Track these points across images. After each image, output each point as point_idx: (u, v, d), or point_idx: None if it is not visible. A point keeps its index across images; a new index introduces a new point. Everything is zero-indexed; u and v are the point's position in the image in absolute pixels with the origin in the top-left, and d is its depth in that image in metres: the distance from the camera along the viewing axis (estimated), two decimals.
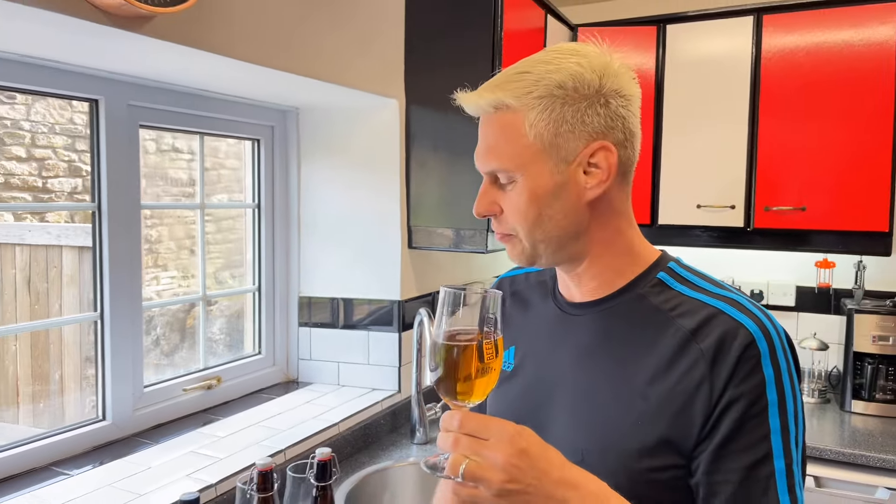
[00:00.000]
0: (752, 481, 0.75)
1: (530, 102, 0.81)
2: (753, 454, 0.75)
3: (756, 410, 0.76)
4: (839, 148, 2.27)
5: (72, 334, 2.28)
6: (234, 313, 2.28)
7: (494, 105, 0.83)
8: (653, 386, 0.80)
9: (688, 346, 0.80)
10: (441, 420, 0.72)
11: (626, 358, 0.83)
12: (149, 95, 1.69)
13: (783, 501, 0.75)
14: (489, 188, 0.86)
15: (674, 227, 2.54)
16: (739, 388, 0.76)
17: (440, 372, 0.75)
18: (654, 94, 2.55)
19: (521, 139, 0.82)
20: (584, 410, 0.85)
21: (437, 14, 2.06)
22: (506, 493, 0.68)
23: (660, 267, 0.89)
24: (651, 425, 0.79)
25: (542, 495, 0.69)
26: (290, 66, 1.61)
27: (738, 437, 0.76)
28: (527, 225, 0.84)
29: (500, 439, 0.69)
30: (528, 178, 0.82)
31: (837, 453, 2.01)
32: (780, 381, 0.77)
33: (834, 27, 2.25)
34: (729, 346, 0.77)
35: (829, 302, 2.59)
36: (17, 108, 2.31)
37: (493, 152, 0.84)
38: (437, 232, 2.11)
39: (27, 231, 2.36)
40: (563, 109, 0.81)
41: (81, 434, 1.58)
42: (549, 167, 0.82)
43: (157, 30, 1.27)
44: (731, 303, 0.82)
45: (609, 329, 0.87)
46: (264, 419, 1.84)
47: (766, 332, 0.78)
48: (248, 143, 2.13)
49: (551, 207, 0.83)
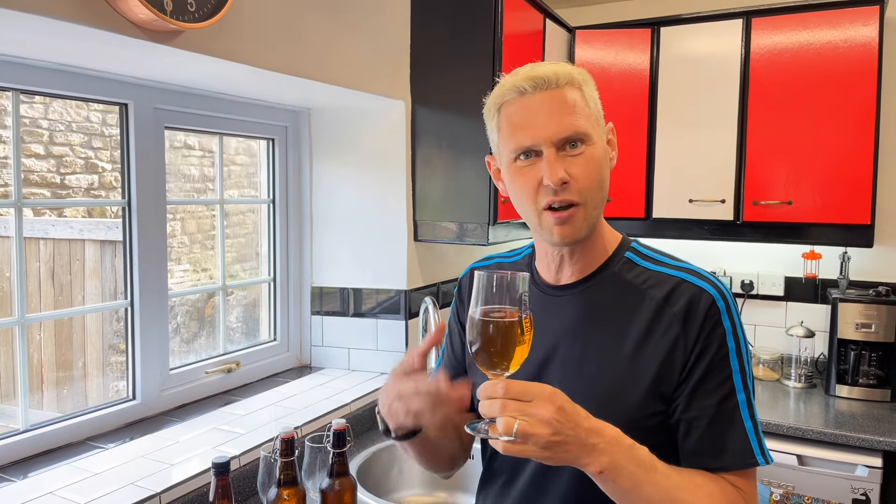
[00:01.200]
0: (722, 413, 0.93)
1: (585, 79, 0.97)
2: (720, 391, 0.93)
3: (720, 356, 0.93)
4: (824, 144, 2.37)
5: (94, 323, 2.41)
6: (250, 302, 2.41)
7: (567, 78, 0.95)
8: (638, 349, 0.95)
9: (662, 311, 0.96)
10: (480, 390, 0.81)
11: (611, 330, 0.98)
12: (173, 99, 1.82)
13: (747, 425, 0.92)
14: (557, 157, 0.93)
15: (667, 220, 2.65)
16: (707, 339, 0.93)
17: (480, 345, 0.82)
18: (648, 93, 2.65)
19: (587, 109, 0.96)
20: (577, 377, 0.99)
21: (441, 20, 2.17)
22: (551, 444, 0.79)
23: (625, 248, 1.04)
24: (639, 382, 0.94)
25: (578, 444, 0.81)
26: (304, 71, 1.74)
27: (708, 379, 0.93)
28: (595, 188, 0.96)
29: (542, 399, 0.79)
30: (595, 144, 0.96)
31: (820, 433, 2.12)
32: (735, 332, 0.94)
33: (819, 29, 2.36)
34: (696, 307, 0.94)
35: (816, 291, 2.70)
36: (35, 106, 2.43)
37: (569, 118, 0.93)
38: (441, 225, 2.23)
39: (51, 226, 2.48)
40: (595, 92, 0.99)
41: (113, 412, 1.72)
42: (600, 135, 0.98)
43: (184, 42, 1.39)
44: (690, 272, 0.99)
45: (592, 305, 1.00)
46: (280, 400, 1.97)
47: (721, 294, 0.96)
48: (263, 142, 2.26)
49: (605, 170, 0.98)
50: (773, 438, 2.18)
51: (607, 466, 0.82)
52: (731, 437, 0.92)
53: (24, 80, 1.48)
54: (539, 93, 0.94)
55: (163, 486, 1.40)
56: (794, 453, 2.16)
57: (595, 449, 0.82)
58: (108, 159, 2.51)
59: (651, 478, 0.85)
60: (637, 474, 0.84)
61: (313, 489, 1.40)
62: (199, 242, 2.69)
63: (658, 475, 0.85)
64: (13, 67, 1.45)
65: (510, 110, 0.96)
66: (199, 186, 2.58)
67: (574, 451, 0.81)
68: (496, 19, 2.10)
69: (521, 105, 0.95)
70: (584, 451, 0.81)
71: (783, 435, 2.17)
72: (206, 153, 2.59)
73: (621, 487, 0.84)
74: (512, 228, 2.29)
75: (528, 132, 0.94)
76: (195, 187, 2.58)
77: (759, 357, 2.65)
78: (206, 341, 2.43)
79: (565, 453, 0.80)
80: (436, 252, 2.40)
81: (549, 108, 0.93)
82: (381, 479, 1.89)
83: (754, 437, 0.92)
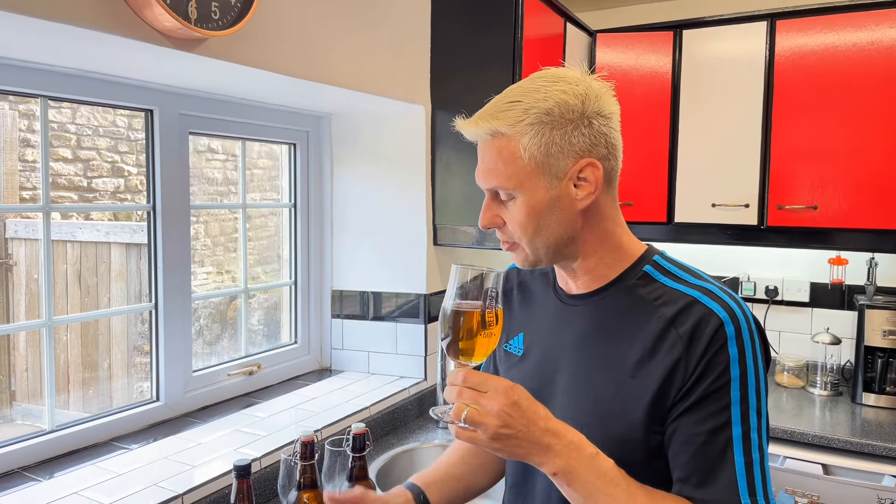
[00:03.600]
0: (711, 444, 0.87)
1: (523, 129, 0.91)
2: (715, 420, 0.87)
3: (719, 384, 0.88)
4: (851, 148, 2.33)
5: (119, 325, 2.45)
6: (272, 305, 2.43)
7: (490, 132, 0.94)
8: (640, 367, 0.92)
9: (668, 331, 0.92)
10: (448, 376, 0.86)
11: (617, 343, 0.96)
12: (197, 105, 1.85)
13: (738, 462, 0.86)
14: (491, 203, 0.98)
15: (689, 225, 2.62)
16: (708, 364, 0.88)
17: (450, 336, 0.88)
18: (670, 97, 2.63)
19: (517, 161, 0.92)
20: (582, 390, 0.98)
21: (461, 24, 2.18)
22: (499, 437, 0.81)
23: (645, 261, 1.00)
24: (639, 400, 0.91)
25: (530, 440, 0.82)
26: (325, 77, 1.75)
27: (703, 406, 0.88)
28: (527, 235, 0.95)
29: (496, 391, 0.82)
30: (526, 195, 0.93)
31: (846, 442, 2.08)
32: (742, 360, 0.88)
33: (845, 31, 2.32)
34: (702, 331, 0.89)
35: (842, 298, 2.66)
36: (63, 111, 2.48)
37: (492, 173, 0.95)
38: (460, 230, 2.23)
39: (78, 228, 2.52)
40: (551, 133, 0.91)
41: (138, 413, 1.75)
42: (544, 184, 0.93)
43: (208, 50, 1.41)
44: (705, 292, 0.93)
45: (602, 318, 0.99)
46: (301, 403, 1.99)
47: (733, 317, 0.90)
48: (285, 146, 2.28)
49: (548, 218, 0.94)
50: (797, 447, 2.15)
51: (562, 469, 0.83)
52: (718, 469, 0.86)
53: (53, 87, 1.52)
54: (479, 141, 0.97)
55: (185, 487, 1.41)
56: (819, 462, 2.12)
57: (550, 450, 0.83)
58: (133, 163, 2.55)
59: (611, 491, 0.83)
60: (595, 484, 0.83)
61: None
62: (221, 245, 2.72)
63: (619, 490, 0.83)
64: (42, 75, 1.49)
65: None
66: (221, 190, 2.62)
67: (526, 448, 0.82)
68: (516, 23, 2.10)
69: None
70: (537, 450, 0.82)
71: (808, 444, 2.14)
72: (230, 157, 2.62)
73: (577, 494, 0.84)
74: None
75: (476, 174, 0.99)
76: (218, 190, 2.61)
77: (783, 364, 2.61)
78: (228, 343, 2.46)
79: (517, 447, 0.82)
80: (455, 256, 2.40)
81: (481, 158, 0.97)
82: (400, 483, 1.88)
83: (744, 475, 0.86)
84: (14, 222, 2.30)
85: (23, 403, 2.25)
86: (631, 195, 2.64)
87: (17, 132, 2.24)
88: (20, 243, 2.29)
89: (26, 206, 2.11)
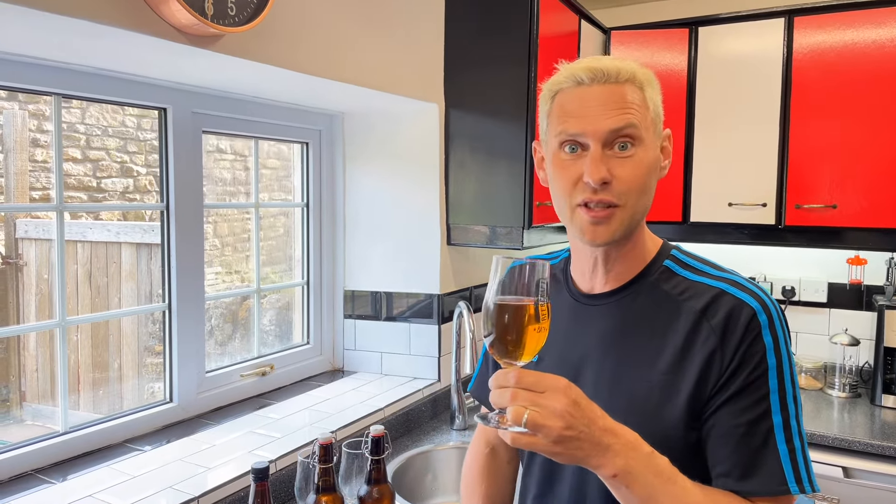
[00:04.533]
0: (753, 434, 0.86)
1: (647, 81, 0.93)
2: (754, 411, 0.86)
3: (757, 374, 0.87)
4: (871, 146, 2.30)
5: (130, 326, 2.43)
6: (283, 306, 2.42)
7: (629, 75, 0.91)
8: (674, 363, 0.90)
9: (700, 324, 0.90)
10: (492, 379, 0.79)
11: (647, 342, 0.93)
12: (211, 103, 1.83)
13: (781, 450, 0.85)
14: (602, 156, 0.89)
15: (705, 224, 2.59)
16: (745, 356, 0.87)
17: (494, 332, 0.79)
18: (685, 95, 2.60)
19: (644, 111, 0.92)
20: (613, 391, 0.95)
21: (475, 22, 2.16)
22: (562, 439, 0.75)
23: (664, 255, 0.99)
24: (677, 397, 0.89)
25: (591, 441, 0.76)
26: (340, 75, 1.73)
27: (741, 396, 0.87)
28: (637, 193, 0.91)
29: (556, 391, 0.75)
30: (646, 147, 0.92)
31: (866, 445, 2.05)
32: (777, 348, 0.88)
33: (864, 28, 2.29)
34: (735, 321, 0.88)
35: (861, 298, 2.62)
36: (72, 111, 2.47)
37: (628, 114, 0.89)
38: (474, 229, 2.20)
39: (88, 228, 2.51)
40: (657, 96, 0.95)
41: (151, 414, 1.73)
42: (654, 140, 0.93)
43: (224, 46, 1.39)
44: (732, 283, 0.93)
45: (627, 316, 0.96)
46: (314, 404, 1.97)
47: (764, 307, 0.89)
48: (297, 145, 2.26)
49: (653, 177, 0.94)
50: (816, 450, 2.12)
51: (621, 470, 0.78)
52: (762, 460, 0.85)
53: (66, 84, 1.50)
54: (597, 85, 0.90)
55: (201, 489, 1.39)
56: (839, 465, 2.09)
57: (609, 450, 0.77)
58: (142, 163, 2.54)
59: (669, 490, 0.79)
60: (654, 483, 0.78)
61: (350, 496, 1.39)
62: (231, 245, 2.70)
63: (677, 488, 0.80)
64: (56, 72, 1.47)
65: (564, 98, 0.93)
66: (231, 190, 2.60)
67: (586, 449, 0.76)
68: (532, 21, 2.07)
69: (576, 94, 0.92)
70: (597, 451, 0.77)
71: (828, 446, 2.11)
72: (238, 157, 2.60)
73: (635, 496, 0.79)
74: (547, 232, 2.26)
75: (578, 122, 0.90)
76: (227, 190, 2.59)
77: (801, 365, 2.58)
78: (240, 344, 2.45)
79: (577, 450, 0.76)
80: (469, 256, 2.38)
81: (603, 101, 0.90)
82: (416, 486, 1.87)
83: (789, 463, 0.85)
84: (24, 222, 2.29)
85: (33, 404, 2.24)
86: None
87: (27, 132, 2.23)
88: (30, 243, 2.28)
89: (40, 205, 2.10)
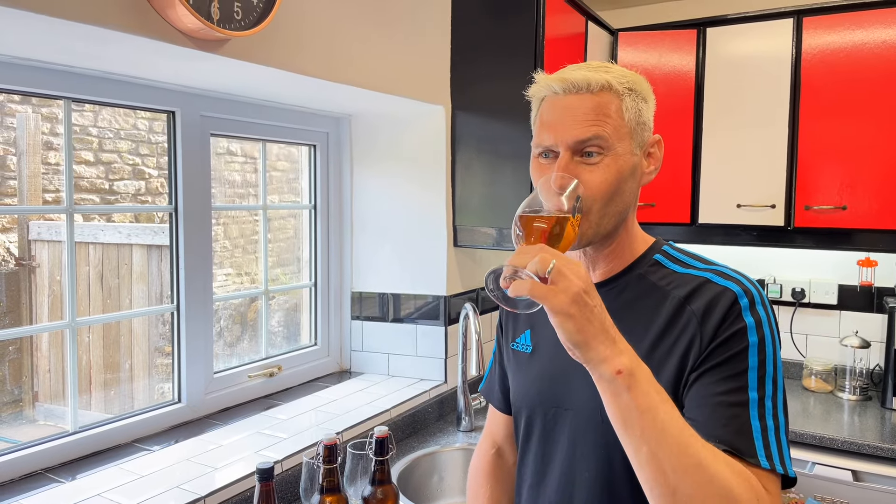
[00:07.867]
0: (724, 406, 0.85)
1: (625, 90, 0.95)
2: (728, 384, 0.86)
3: (737, 350, 0.87)
4: (881, 147, 2.28)
5: (141, 326, 2.46)
6: (291, 307, 2.43)
7: (602, 84, 0.93)
8: (655, 348, 0.92)
9: (682, 309, 0.92)
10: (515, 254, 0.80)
11: (633, 328, 0.94)
12: (218, 107, 1.85)
13: (754, 425, 0.83)
14: (570, 162, 0.93)
15: (714, 226, 2.58)
16: (724, 333, 0.88)
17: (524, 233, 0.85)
18: (694, 96, 2.59)
19: (619, 119, 0.93)
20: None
21: (482, 24, 2.16)
22: (580, 301, 0.75)
23: (655, 250, 1.02)
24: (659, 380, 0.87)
25: (602, 324, 0.77)
26: (346, 78, 1.74)
27: (717, 370, 0.87)
28: (604, 200, 0.93)
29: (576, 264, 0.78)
30: (617, 155, 0.93)
31: (876, 448, 2.04)
32: (760, 328, 0.88)
33: (874, 28, 2.27)
34: (715, 304, 0.90)
35: (872, 300, 2.60)
36: (85, 114, 2.50)
37: (595, 123, 0.92)
38: (480, 231, 2.21)
39: (100, 230, 2.54)
40: (640, 103, 0.96)
41: (160, 414, 1.75)
42: (631, 149, 0.95)
43: (231, 50, 1.41)
44: (716, 272, 0.95)
45: (616, 306, 0.96)
46: (321, 405, 1.98)
47: (746, 291, 0.91)
48: (305, 148, 2.28)
49: (625, 185, 0.95)
50: (826, 453, 2.10)
51: (626, 368, 0.76)
52: (734, 427, 0.83)
53: (76, 88, 1.52)
54: (570, 95, 0.94)
55: (208, 489, 1.41)
56: (848, 468, 2.07)
57: (616, 343, 0.77)
58: (154, 165, 2.57)
59: (668, 408, 0.77)
60: (653, 396, 0.77)
61: (355, 496, 1.39)
62: (240, 247, 2.72)
63: (674, 409, 0.78)
64: (65, 76, 1.49)
65: (545, 107, 0.97)
66: (240, 192, 2.62)
67: (596, 328, 0.76)
68: (538, 23, 2.08)
69: (554, 103, 0.96)
70: (605, 337, 0.76)
71: (837, 449, 2.09)
72: (248, 159, 2.62)
73: (634, 403, 0.76)
74: None
75: (551, 132, 0.94)
76: (237, 192, 2.61)
77: (811, 368, 2.56)
78: (249, 345, 2.46)
79: (588, 323, 0.75)
80: (475, 258, 2.38)
81: (573, 111, 0.93)
82: (421, 487, 1.87)
83: (760, 439, 0.82)
84: (37, 224, 2.32)
85: (45, 404, 2.27)
86: (653, 196, 2.61)
87: (40, 135, 2.26)
88: (43, 245, 2.31)
89: (50, 207, 2.13)
